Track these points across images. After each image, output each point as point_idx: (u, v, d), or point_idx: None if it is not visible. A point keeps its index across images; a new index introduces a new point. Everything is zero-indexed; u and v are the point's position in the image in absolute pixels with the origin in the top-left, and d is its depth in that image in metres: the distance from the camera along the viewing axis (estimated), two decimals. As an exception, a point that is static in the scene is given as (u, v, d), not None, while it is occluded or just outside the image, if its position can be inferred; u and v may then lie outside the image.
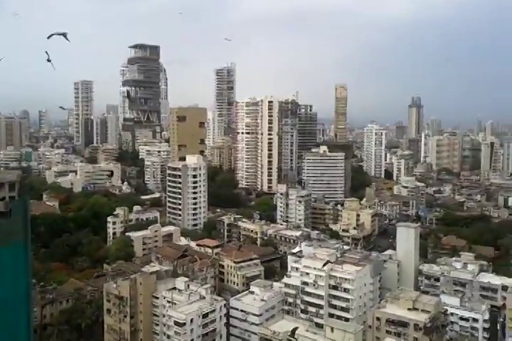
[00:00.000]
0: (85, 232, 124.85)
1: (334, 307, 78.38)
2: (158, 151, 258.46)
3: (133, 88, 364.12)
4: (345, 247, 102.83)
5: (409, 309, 67.41)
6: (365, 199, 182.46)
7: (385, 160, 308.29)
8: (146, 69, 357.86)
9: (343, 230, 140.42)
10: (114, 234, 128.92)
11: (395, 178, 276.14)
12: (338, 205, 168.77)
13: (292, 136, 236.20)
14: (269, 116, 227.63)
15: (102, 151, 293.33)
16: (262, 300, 78.27)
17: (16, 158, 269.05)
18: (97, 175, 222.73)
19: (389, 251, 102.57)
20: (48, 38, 71.90)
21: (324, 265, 79.25)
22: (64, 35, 73.29)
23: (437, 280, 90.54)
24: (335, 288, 78.76)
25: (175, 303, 70.92)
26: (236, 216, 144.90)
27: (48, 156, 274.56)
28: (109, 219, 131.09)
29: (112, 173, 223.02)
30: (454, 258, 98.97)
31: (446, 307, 72.09)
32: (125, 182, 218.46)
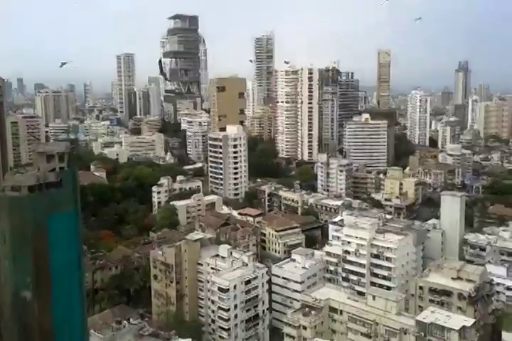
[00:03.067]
0: (132, 201, 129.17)
1: (376, 275, 78.61)
2: (199, 122, 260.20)
3: (173, 59, 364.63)
4: (388, 216, 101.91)
5: (453, 278, 66.73)
6: (408, 167, 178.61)
7: (430, 128, 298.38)
8: (186, 40, 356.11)
9: (386, 199, 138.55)
10: (159, 203, 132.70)
11: (440, 146, 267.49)
12: (381, 174, 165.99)
13: (333, 104, 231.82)
14: (309, 84, 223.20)
15: (146, 123, 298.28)
16: (304, 267, 79.36)
17: (64, 130, 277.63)
18: (141, 146, 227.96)
19: (433, 220, 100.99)
20: None
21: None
22: None
23: (483, 249, 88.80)
24: (377, 256, 78.76)
25: (218, 270, 72.93)
26: (277, 185, 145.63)
27: (94, 128, 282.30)
28: (154, 188, 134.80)
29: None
30: (501, 228, 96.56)
31: (492, 277, 70.83)
32: (168, 153, 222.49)
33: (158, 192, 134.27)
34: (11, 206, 45.68)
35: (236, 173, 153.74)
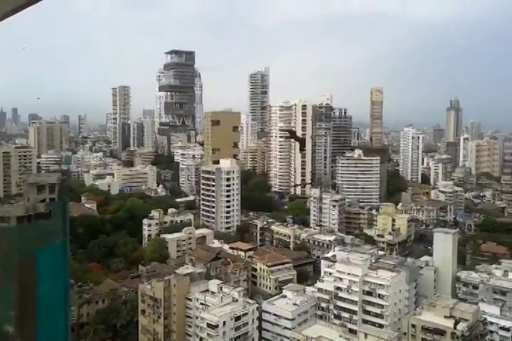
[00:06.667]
0: (122, 234, 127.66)
1: (368, 313, 77.11)
2: (193, 155, 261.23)
3: (169, 93, 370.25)
4: (380, 253, 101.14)
5: (446, 317, 65.60)
6: (400, 204, 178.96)
7: (422, 165, 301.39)
8: (182, 74, 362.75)
9: (378, 235, 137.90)
10: (149, 235, 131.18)
11: (432, 183, 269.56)
12: (373, 210, 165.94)
13: (326, 140, 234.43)
14: (302, 120, 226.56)
15: (139, 155, 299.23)
16: (295, 304, 77.80)
17: (56, 161, 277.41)
18: (133, 177, 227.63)
19: (425, 258, 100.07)
20: None
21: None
22: None
23: (476, 287, 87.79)
24: (369, 293, 77.50)
25: (208, 305, 71.36)
26: (269, 219, 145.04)
27: (87, 159, 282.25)
28: (144, 221, 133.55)
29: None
30: (494, 266, 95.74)
31: (485, 316, 69.76)
32: (160, 185, 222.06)
33: (149, 225, 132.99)
34: (-1, 237, 45.04)
35: (228, 207, 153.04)
